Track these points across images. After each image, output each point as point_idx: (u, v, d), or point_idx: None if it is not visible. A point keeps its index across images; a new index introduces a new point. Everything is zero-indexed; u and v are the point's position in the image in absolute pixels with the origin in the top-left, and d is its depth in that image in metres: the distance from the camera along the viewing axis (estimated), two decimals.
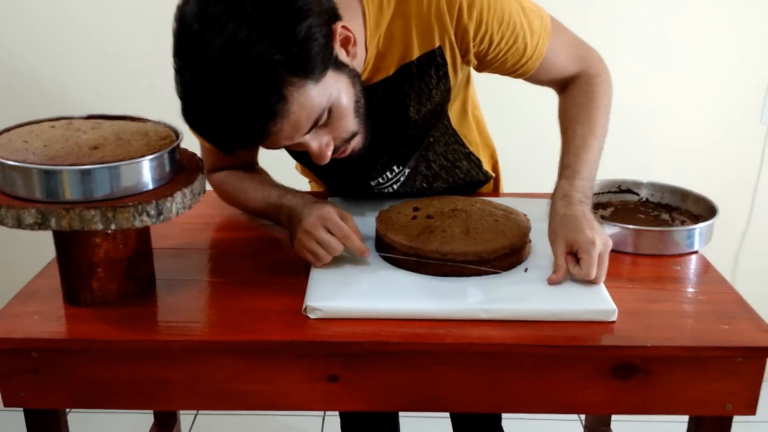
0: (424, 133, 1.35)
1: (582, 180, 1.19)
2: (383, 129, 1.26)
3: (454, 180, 1.46)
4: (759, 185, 2.32)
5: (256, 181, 1.36)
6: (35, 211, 0.99)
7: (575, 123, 1.25)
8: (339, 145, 1.13)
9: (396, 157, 1.36)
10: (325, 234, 1.15)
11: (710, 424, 1.10)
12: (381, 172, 1.38)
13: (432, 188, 1.45)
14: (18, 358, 1.04)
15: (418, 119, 1.29)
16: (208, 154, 1.35)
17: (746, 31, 2.15)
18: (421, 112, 1.28)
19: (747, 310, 1.11)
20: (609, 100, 1.29)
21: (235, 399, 1.07)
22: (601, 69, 1.31)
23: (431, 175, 1.43)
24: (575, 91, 1.29)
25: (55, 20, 2.15)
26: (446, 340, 1.02)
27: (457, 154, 1.44)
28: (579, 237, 1.11)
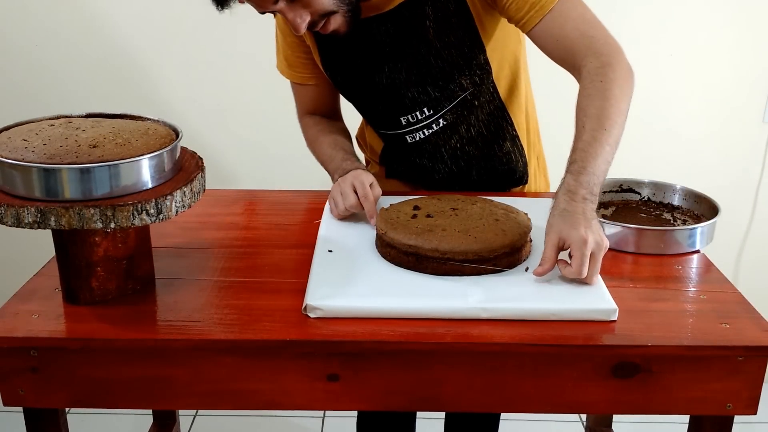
0: (450, 72, 1.37)
1: (588, 176, 1.14)
2: (406, 51, 1.35)
3: (489, 155, 1.47)
4: (761, 185, 2.32)
5: (331, 138, 1.51)
6: (35, 209, 0.99)
7: (584, 116, 1.19)
8: (315, 20, 1.26)
9: (426, 97, 1.39)
10: (348, 188, 1.32)
11: (711, 423, 1.10)
12: (411, 108, 1.41)
13: (465, 154, 1.46)
14: (17, 357, 1.04)
15: (440, 48, 1.33)
16: (298, 99, 1.57)
17: (749, 31, 2.15)
18: (443, 40, 1.32)
19: (748, 309, 1.11)
20: (623, 91, 1.20)
21: (235, 398, 1.07)
22: (616, 59, 1.23)
23: (467, 139, 1.45)
24: (586, 81, 1.23)
25: (55, 19, 2.15)
26: (446, 340, 1.02)
27: (501, 131, 1.46)
28: (572, 234, 1.09)
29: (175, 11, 2.12)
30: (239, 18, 2.16)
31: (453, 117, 1.42)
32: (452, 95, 1.40)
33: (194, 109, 2.21)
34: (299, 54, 1.49)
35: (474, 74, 1.39)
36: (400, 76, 1.38)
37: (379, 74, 1.40)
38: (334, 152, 1.47)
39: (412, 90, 1.40)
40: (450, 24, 1.33)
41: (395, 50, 1.37)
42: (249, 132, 2.26)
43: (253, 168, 2.29)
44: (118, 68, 2.18)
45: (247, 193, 1.56)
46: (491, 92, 1.42)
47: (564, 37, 1.26)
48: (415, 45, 1.35)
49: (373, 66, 1.40)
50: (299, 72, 1.52)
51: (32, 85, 2.21)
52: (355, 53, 1.40)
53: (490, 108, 1.44)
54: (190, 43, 2.16)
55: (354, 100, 1.51)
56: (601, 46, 1.24)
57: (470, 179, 1.50)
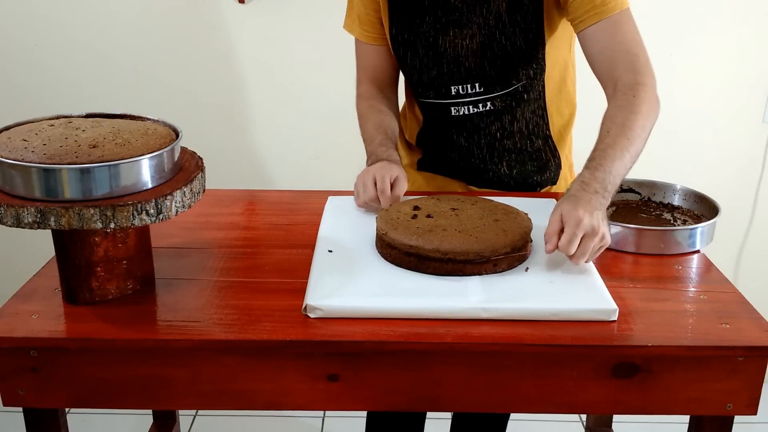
0: (512, 56, 1.39)
1: (604, 173, 1.18)
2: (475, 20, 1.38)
3: (521, 149, 1.50)
4: (761, 185, 2.32)
5: (377, 119, 1.52)
6: (34, 209, 0.99)
7: (610, 123, 1.24)
8: None
9: (482, 72, 1.42)
10: (370, 181, 1.35)
11: (711, 423, 1.10)
12: (464, 79, 1.44)
13: (501, 146, 1.50)
14: (17, 357, 1.04)
15: (508, 25, 1.36)
16: (361, 63, 1.59)
17: (749, 32, 2.15)
18: (513, 18, 1.37)
19: (748, 309, 1.11)
20: (650, 111, 1.26)
21: (235, 398, 1.07)
22: (650, 83, 1.29)
23: (508, 132, 1.48)
24: (619, 93, 1.28)
25: (55, 19, 2.15)
26: (446, 340, 1.02)
27: (537, 129, 1.49)
28: (570, 213, 1.12)
29: (176, 11, 2.12)
30: (240, 18, 2.17)
31: (501, 105, 1.46)
32: (506, 81, 1.43)
33: (194, 109, 2.22)
34: (370, 11, 1.50)
35: (531, 66, 1.42)
36: (464, 42, 1.41)
37: (444, 37, 1.42)
38: (375, 134, 1.49)
39: (471, 60, 1.42)
40: (522, 4, 1.36)
41: (465, 15, 1.39)
42: (249, 132, 2.26)
43: (253, 168, 2.29)
44: (118, 68, 2.18)
45: (247, 193, 1.56)
46: (539, 90, 1.46)
47: (611, 46, 1.31)
48: (486, 15, 1.38)
49: (439, 28, 1.42)
50: (368, 31, 1.52)
51: (32, 85, 2.21)
52: (424, 12, 1.42)
53: (534, 106, 1.48)
54: (191, 43, 2.16)
55: (410, 63, 1.49)
56: (641, 66, 1.29)
57: (499, 171, 1.53)
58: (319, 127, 2.25)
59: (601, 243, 1.14)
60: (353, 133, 2.30)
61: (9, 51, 2.18)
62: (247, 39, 2.16)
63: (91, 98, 2.20)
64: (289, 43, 2.16)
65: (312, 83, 2.21)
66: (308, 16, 2.14)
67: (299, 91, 2.22)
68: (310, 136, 2.26)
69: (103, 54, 2.17)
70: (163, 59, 2.18)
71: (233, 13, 2.14)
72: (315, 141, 2.27)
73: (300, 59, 2.18)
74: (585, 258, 1.13)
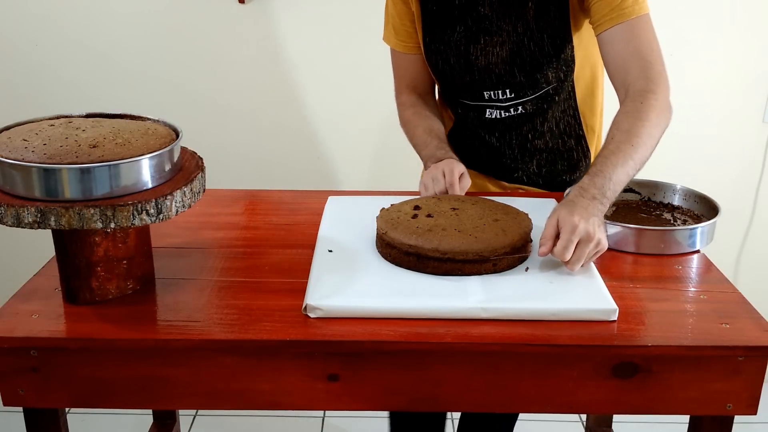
0: (540, 61, 1.41)
1: (604, 179, 1.19)
2: (504, 28, 1.40)
3: (553, 148, 1.52)
4: (761, 185, 2.32)
5: (426, 124, 1.54)
6: (35, 209, 0.99)
7: (616, 129, 1.25)
8: None
9: (512, 79, 1.43)
10: (440, 174, 1.38)
11: (711, 423, 1.10)
12: (495, 85, 1.45)
13: (533, 146, 1.52)
14: (18, 356, 1.04)
15: (535, 31, 1.38)
16: (398, 72, 1.61)
17: (749, 31, 2.15)
18: (540, 24, 1.38)
19: (748, 309, 1.11)
20: (659, 119, 1.27)
21: (235, 398, 1.07)
22: (662, 91, 1.29)
23: (539, 132, 1.50)
24: (628, 99, 1.29)
25: (55, 19, 2.15)
26: (446, 340, 1.02)
27: (569, 128, 1.51)
28: (566, 219, 1.13)
29: (176, 11, 2.12)
30: (240, 18, 2.17)
31: (532, 108, 1.47)
32: (536, 85, 1.45)
33: (194, 109, 2.22)
34: (405, 22, 1.52)
35: (560, 68, 1.43)
36: (494, 50, 1.43)
37: (475, 45, 1.44)
38: (428, 139, 1.50)
39: (501, 67, 1.44)
40: (548, 10, 1.38)
41: (495, 24, 1.41)
42: (249, 132, 2.26)
43: (253, 168, 2.30)
44: (118, 68, 2.18)
45: (247, 193, 1.56)
46: (569, 90, 1.48)
47: (626, 51, 1.31)
48: (514, 23, 1.40)
49: (470, 36, 1.44)
50: (404, 41, 1.55)
51: (32, 85, 2.21)
52: (455, 22, 1.44)
53: (565, 106, 1.49)
54: (191, 43, 2.16)
55: (442, 71, 1.51)
56: (654, 74, 1.30)
57: (529, 170, 1.55)
58: (319, 127, 2.25)
59: (596, 249, 1.15)
60: (353, 134, 2.31)
61: (9, 51, 2.18)
62: (247, 39, 2.16)
63: (91, 98, 2.20)
64: (289, 43, 2.16)
65: (312, 83, 2.21)
66: (308, 16, 2.14)
67: (299, 91, 2.22)
68: (310, 136, 2.26)
69: (103, 54, 2.17)
70: (163, 59, 2.18)
71: (233, 13, 2.14)
72: (315, 141, 2.27)
73: (300, 59, 2.18)
74: (580, 264, 1.14)
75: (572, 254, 1.13)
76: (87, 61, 2.18)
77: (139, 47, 2.16)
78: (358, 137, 2.27)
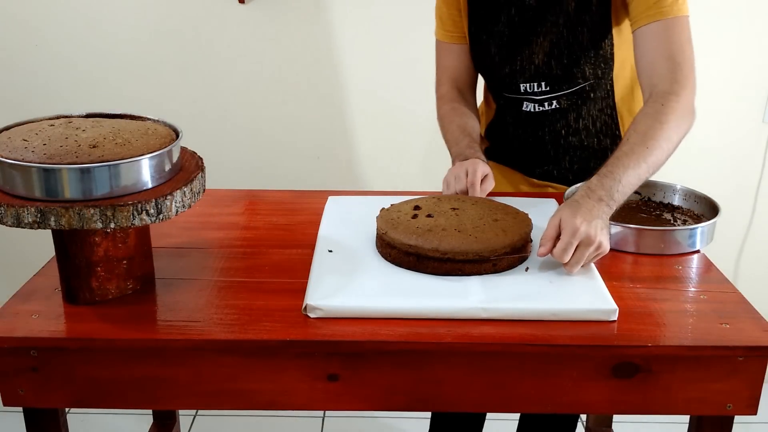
0: (578, 55, 1.41)
1: (613, 181, 1.18)
2: (547, 18, 1.40)
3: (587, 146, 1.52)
4: (761, 185, 2.32)
5: (461, 121, 1.53)
6: (34, 209, 0.99)
7: (633, 130, 1.24)
8: None
9: (549, 71, 1.44)
10: (462, 173, 1.37)
11: (711, 424, 1.10)
12: (533, 76, 1.45)
13: (566, 143, 1.52)
14: (18, 356, 1.04)
15: (575, 24, 1.37)
16: (442, 63, 1.59)
17: (749, 31, 2.15)
18: (580, 18, 1.38)
19: (748, 309, 1.11)
20: (679, 122, 1.25)
21: (235, 398, 1.07)
22: (686, 94, 1.27)
23: (573, 129, 1.50)
24: (651, 100, 1.28)
25: (54, 19, 2.15)
26: (446, 340, 1.02)
27: (606, 128, 1.50)
28: (568, 220, 1.12)
29: (176, 11, 2.12)
30: (240, 18, 2.17)
31: (567, 104, 1.47)
32: (572, 80, 1.44)
33: (194, 109, 2.22)
34: (453, 10, 1.52)
35: (598, 65, 1.43)
36: (537, 40, 1.42)
37: (517, 36, 1.44)
38: (461, 137, 1.50)
39: (540, 58, 1.43)
40: (590, 3, 1.37)
41: (538, 15, 1.41)
42: (249, 132, 2.26)
43: (253, 168, 2.30)
44: (118, 68, 2.18)
45: (247, 193, 1.56)
46: (608, 89, 1.47)
47: (656, 50, 1.30)
48: (556, 14, 1.39)
49: (513, 27, 1.44)
50: (450, 30, 1.54)
51: (32, 85, 2.21)
52: (500, 12, 1.44)
53: (602, 104, 1.48)
54: (191, 43, 2.16)
55: (485, 62, 1.52)
56: (681, 76, 1.28)
57: (561, 166, 1.55)
58: (319, 127, 2.25)
59: (596, 252, 1.14)
60: (353, 133, 2.31)
61: (9, 51, 2.18)
62: (247, 39, 2.16)
63: (91, 98, 2.20)
64: (289, 43, 2.16)
65: (312, 83, 2.21)
66: (308, 16, 2.14)
67: (299, 91, 2.22)
68: (310, 136, 2.27)
69: (103, 54, 2.17)
70: (164, 59, 2.18)
71: (233, 13, 2.14)
72: (315, 141, 2.27)
73: (300, 59, 2.18)
74: (578, 266, 1.14)
75: (571, 256, 1.13)
76: (87, 61, 2.18)
77: (139, 47, 2.16)
78: (358, 137, 2.27)
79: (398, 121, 2.23)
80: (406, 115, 2.22)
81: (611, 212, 1.18)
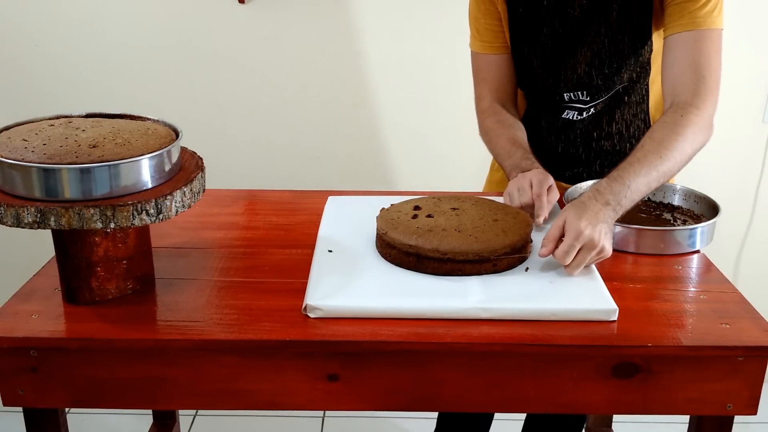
0: (619, 63, 1.40)
1: (623, 186, 1.18)
2: (590, 28, 1.38)
3: (619, 151, 1.50)
4: (761, 185, 2.32)
5: (510, 133, 1.48)
6: (34, 209, 0.99)
7: (648, 138, 1.24)
8: None
9: (590, 81, 1.43)
10: (527, 185, 1.33)
11: (711, 424, 1.10)
12: (575, 86, 1.44)
13: (596, 147, 1.51)
14: (17, 356, 1.04)
15: (616, 32, 1.37)
16: (481, 77, 1.55)
17: (748, 31, 2.15)
18: (621, 26, 1.37)
19: (748, 309, 1.11)
20: (695, 136, 1.25)
21: (235, 398, 1.07)
22: (706, 108, 1.27)
23: (606, 133, 1.49)
24: (670, 110, 1.28)
25: (54, 19, 2.15)
26: (446, 340, 1.02)
27: (639, 133, 1.48)
28: (572, 222, 1.12)
29: (176, 11, 2.12)
30: (240, 18, 2.17)
31: (602, 107, 1.46)
32: (612, 87, 1.44)
33: (194, 109, 2.22)
34: (491, 21, 1.49)
35: (634, 69, 1.42)
36: (582, 49, 1.41)
37: (560, 47, 1.42)
38: (513, 149, 1.45)
39: (582, 67, 1.42)
40: (631, 11, 1.37)
41: (581, 25, 1.40)
42: (249, 132, 2.26)
43: (253, 168, 2.30)
44: (118, 68, 2.18)
45: (247, 193, 1.56)
46: (643, 94, 1.46)
47: (683, 59, 1.29)
48: (598, 23, 1.38)
49: (557, 39, 1.42)
50: (488, 41, 1.51)
51: (32, 85, 2.21)
52: (543, 24, 1.43)
53: (637, 109, 1.47)
54: (191, 42, 2.16)
55: (528, 73, 1.51)
56: (704, 89, 1.27)
57: (591, 170, 1.54)
58: (319, 127, 2.25)
59: (598, 256, 1.14)
60: (353, 133, 2.31)
61: (9, 51, 2.18)
62: (247, 39, 2.16)
63: (91, 98, 2.20)
64: (289, 43, 2.16)
65: (312, 83, 2.21)
66: (308, 16, 2.14)
67: (299, 90, 2.22)
68: (310, 136, 2.26)
69: (103, 54, 2.17)
70: (163, 59, 2.18)
71: (233, 13, 2.14)
72: (315, 141, 2.27)
73: (300, 59, 2.18)
74: (579, 269, 1.14)
75: (573, 259, 1.12)
76: (87, 61, 2.18)
77: (139, 47, 2.16)
78: (358, 137, 2.27)
79: (399, 121, 2.23)
80: (406, 115, 2.22)
81: (617, 217, 1.18)
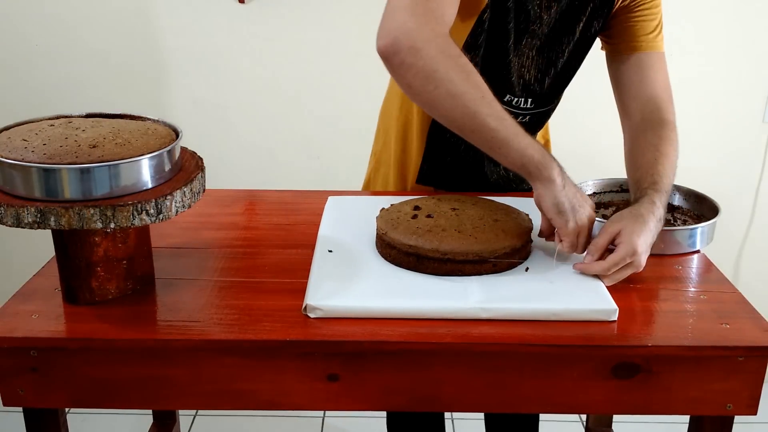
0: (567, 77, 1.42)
1: (666, 197, 1.22)
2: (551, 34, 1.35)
3: None
4: (761, 185, 2.32)
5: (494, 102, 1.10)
6: (34, 209, 0.99)
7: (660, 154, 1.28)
8: None
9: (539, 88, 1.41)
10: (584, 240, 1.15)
11: (711, 424, 1.10)
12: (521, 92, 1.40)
13: None
14: (17, 357, 1.04)
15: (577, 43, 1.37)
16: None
17: (748, 31, 2.15)
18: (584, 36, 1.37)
19: (748, 309, 1.11)
20: (677, 151, 1.31)
21: (235, 398, 1.07)
22: (674, 122, 1.34)
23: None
24: (649, 131, 1.32)
25: (54, 19, 2.15)
26: (446, 340, 1.02)
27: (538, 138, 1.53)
28: (632, 238, 1.11)
29: (176, 11, 2.12)
30: (240, 18, 2.17)
31: (532, 119, 1.46)
32: (555, 98, 1.45)
33: (194, 109, 2.22)
34: None
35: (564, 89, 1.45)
36: (531, 53, 1.37)
37: (518, 43, 1.35)
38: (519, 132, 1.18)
39: (532, 72, 1.40)
40: (592, 25, 1.37)
41: (545, 27, 1.35)
42: (249, 132, 2.26)
43: (253, 168, 2.30)
44: (118, 68, 2.18)
45: (247, 193, 1.56)
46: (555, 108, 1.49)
47: (658, 81, 1.37)
48: (560, 31, 1.36)
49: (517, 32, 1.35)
50: None
51: (32, 85, 2.21)
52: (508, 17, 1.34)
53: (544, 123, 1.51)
54: (191, 42, 2.16)
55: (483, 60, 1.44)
56: (672, 108, 1.37)
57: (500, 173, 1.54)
58: (319, 127, 2.25)
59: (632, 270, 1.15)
60: (353, 133, 2.31)
61: (9, 51, 2.18)
62: (247, 39, 2.16)
63: (91, 98, 2.21)
64: (289, 43, 2.16)
65: (312, 83, 2.21)
66: (308, 16, 2.14)
67: (299, 90, 2.22)
68: (310, 136, 2.27)
69: (104, 54, 2.17)
70: (163, 59, 2.18)
71: (233, 13, 2.14)
72: (315, 141, 2.27)
73: (300, 59, 2.18)
74: (610, 281, 1.13)
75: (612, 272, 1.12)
76: (87, 61, 2.18)
77: (139, 47, 2.16)
78: (358, 137, 2.26)
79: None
80: None
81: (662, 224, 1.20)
